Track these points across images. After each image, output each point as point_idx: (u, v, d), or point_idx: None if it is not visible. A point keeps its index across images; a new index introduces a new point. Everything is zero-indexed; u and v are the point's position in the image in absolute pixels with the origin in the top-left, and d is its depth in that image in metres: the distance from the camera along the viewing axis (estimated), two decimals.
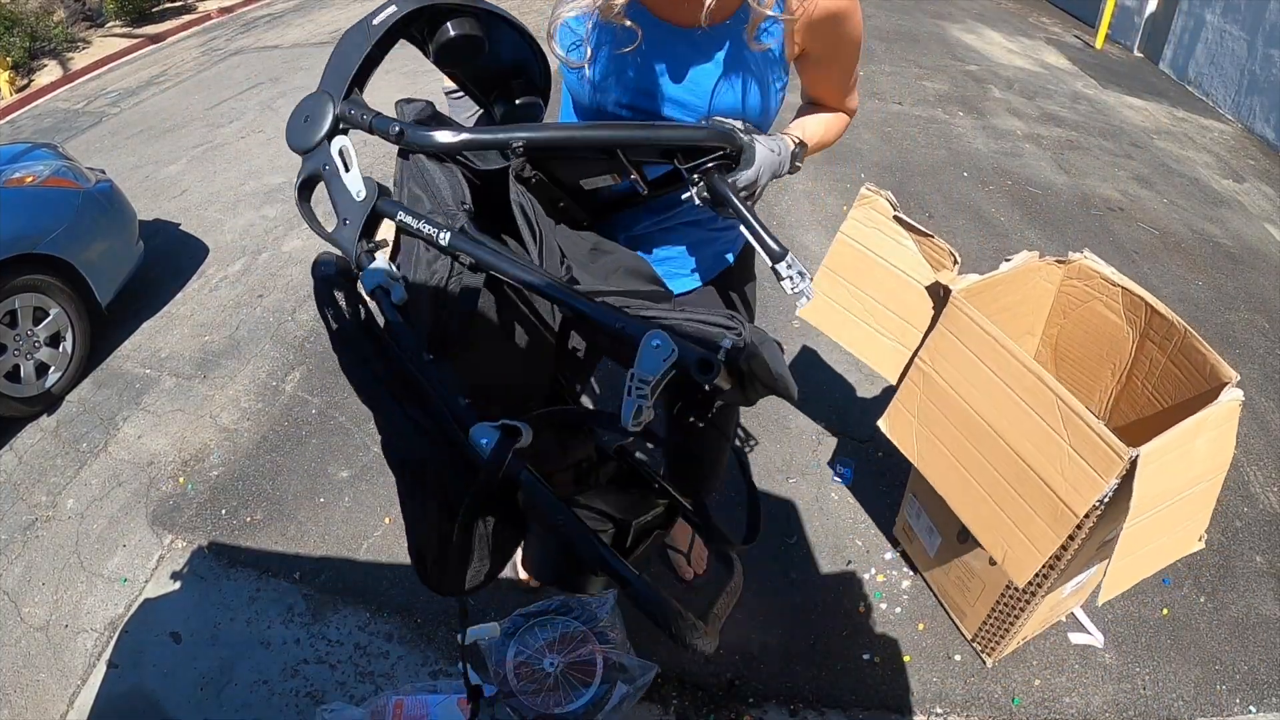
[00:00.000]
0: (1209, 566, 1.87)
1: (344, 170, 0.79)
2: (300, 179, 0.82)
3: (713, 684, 1.62)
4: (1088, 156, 4.15)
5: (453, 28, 0.89)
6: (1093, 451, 1.14)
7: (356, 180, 0.79)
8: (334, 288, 0.79)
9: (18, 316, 2.39)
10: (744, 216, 0.87)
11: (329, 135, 0.79)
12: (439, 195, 0.83)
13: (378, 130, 0.79)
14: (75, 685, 1.70)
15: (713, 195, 0.88)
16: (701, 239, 1.16)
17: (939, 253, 1.47)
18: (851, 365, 2.43)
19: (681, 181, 0.92)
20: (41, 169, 2.57)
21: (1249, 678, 1.64)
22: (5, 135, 5.20)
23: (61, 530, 2.08)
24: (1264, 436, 2.28)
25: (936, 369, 1.40)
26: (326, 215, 0.82)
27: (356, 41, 0.83)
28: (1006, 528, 1.28)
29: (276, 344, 2.71)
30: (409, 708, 1.56)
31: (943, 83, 5.09)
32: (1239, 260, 3.24)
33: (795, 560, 1.87)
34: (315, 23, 6.96)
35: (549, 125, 0.87)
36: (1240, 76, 4.85)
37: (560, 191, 0.93)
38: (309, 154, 0.80)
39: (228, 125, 4.68)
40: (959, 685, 1.61)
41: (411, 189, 0.85)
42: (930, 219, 3.40)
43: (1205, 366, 1.27)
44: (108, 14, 7.38)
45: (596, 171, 0.91)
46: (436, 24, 0.89)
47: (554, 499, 0.66)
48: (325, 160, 0.79)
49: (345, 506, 2.06)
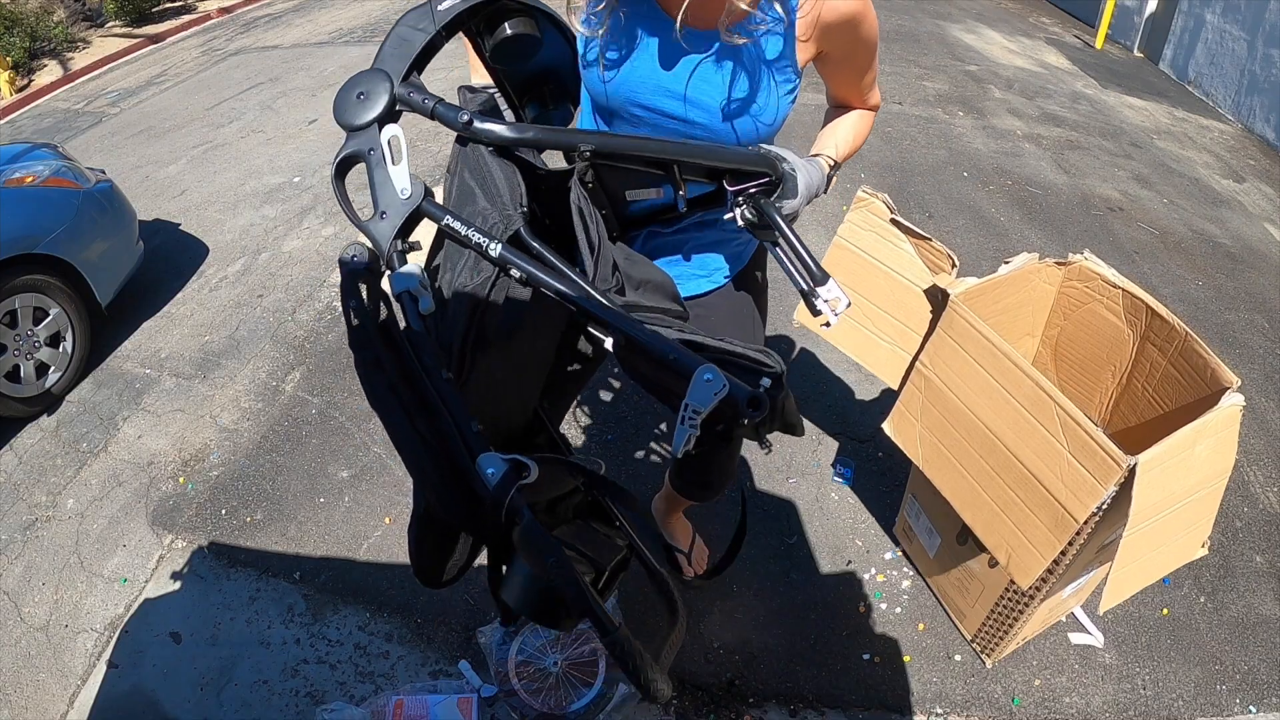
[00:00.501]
0: (1209, 566, 1.87)
1: (391, 162, 0.76)
2: (341, 156, 0.79)
3: (713, 684, 1.63)
4: (1088, 156, 4.15)
5: (511, 26, 0.90)
6: (1091, 458, 1.14)
7: (404, 176, 0.76)
8: (360, 282, 0.76)
9: (18, 316, 2.39)
10: (790, 241, 0.87)
11: (382, 118, 0.77)
12: (496, 191, 0.81)
13: (441, 117, 0.77)
14: (75, 685, 1.70)
15: (760, 218, 0.89)
16: (717, 240, 1.16)
17: (937, 255, 1.47)
18: (851, 366, 2.43)
19: (717, 203, 0.94)
20: (41, 169, 2.57)
21: (1249, 678, 1.64)
22: (5, 135, 5.20)
23: (61, 530, 2.08)
24: (1264, 436, 2.28)
25: (937, 373, 1.40)
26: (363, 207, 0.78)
27: (418, 24, 0.83)
28: (1009, 531, 1.28)
29: (276, 344, 2.71)
30: (409, 708, 1.56)
31: (943, 83, 5.09)
32: (1239, 260, 3.24)
33: (795, 560, 1.88)
34: (315, 23, 6.95)
35: (616, 134, 0.89)
36: (1240, 76, 4.85)
37: (605, 199, 0.93)
38: (356, 132, 0.78)
39: (228, 125, 4.68)
40: (959, 685, 1.61)
41: (465, 179, 0.83)
42: (930, 219, 3.40)
43: (1206, 370, 1.27)
44: (108, 14, 7.38)
45: (644, 184, 0.92)
46: (497, 20, 0.90)
47: (551, 541, 0.66)
48: (372, 144, 0.77)
49: (345, 506, 2.06)
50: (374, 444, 2.25)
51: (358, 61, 5.47)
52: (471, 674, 1.64)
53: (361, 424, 2.33)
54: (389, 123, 0.78)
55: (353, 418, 2.36)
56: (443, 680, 1.64)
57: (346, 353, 2.63)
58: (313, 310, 2.87)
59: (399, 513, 2.03)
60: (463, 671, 1.65)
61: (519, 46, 0.91)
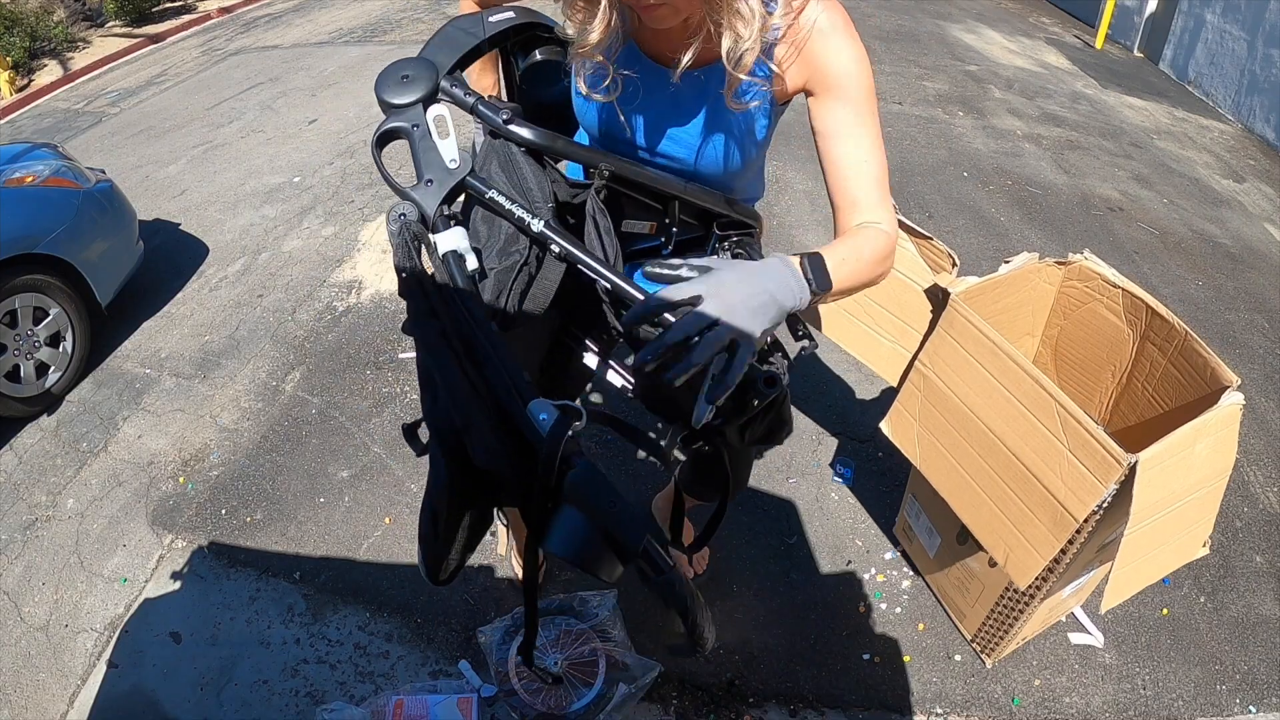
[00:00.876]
0: (1209, 566, 1.87)
1: (438, 136, 0.82)
2: (382, 129, 0.83)
3: (713, 684, 1.63)
4: (1088, 156, 4.15)
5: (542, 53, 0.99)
6: (1091, 456, 1.14)
7: (452, 148, 0.82)
8: (411, 237, 0.79)
9: (18, 316, 2.39)
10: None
11: (425, 100, 0.82)
12: (524, 185, 0.85)
13: (481, 113, 0.84)
14: (75, 685, 1.70)
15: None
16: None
17: (938, 255, 1.47)
18: (851, 365, 2.43)
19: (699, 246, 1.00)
20: (41, 169, 2.57)
21: (1249, 678, 1.64)
22: (5, 135, 5.20)
23: (61, 530, 2.08)
24: (1264, 436, 2.28)
25: (936, 372, 1.40)
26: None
27: (469, 29, 0.90)
28: (1008, 530, 1.28)
29: (276, 344, 2.71)
30: (409, 708, 1.56)
31: (943, 83, 5.09)
32: (1239, 260, 3.24)
33: (795, 560, 1.88)
34: (315, 23, 6.95)
35: (632, 162, 0.93)
36: (1240, 76, 4.85)
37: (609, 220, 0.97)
38: (397, 110, 0.82)
39: (228, 125, 4.68)
40: (959, 685, 1.61)
41: (492, 169, 0.87)
42: (930, 219, 3.40)
43: (1206, 369, 1.27)
44: (108, 14, 7.38)
45: (640, 216, 0.97)
46: (532, 45, 0.99)
47: (609, 484, 0.67)
48: (416, 121, 0.82)
49: (345, 506, 2.06)
50: (374, 444, 2.26)
51: (358, 61, 5.48)
52: (471, 674, 1.64)
53: (361, 424, 2.33)
54: (431, 104, 0.83)
55: (353, 418, 2.36)
56: (443, 680, 1.64)
57: (347, 353, 2.63)
58: (313, 310, 2.87)
59: (399, 513, 2.03)
60: (463, 671, 1.65)
61: (548, 72, 1.00)
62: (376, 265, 3.12)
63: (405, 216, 0.79)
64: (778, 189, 3.58)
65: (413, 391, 2.44)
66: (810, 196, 3.54)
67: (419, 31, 6.20)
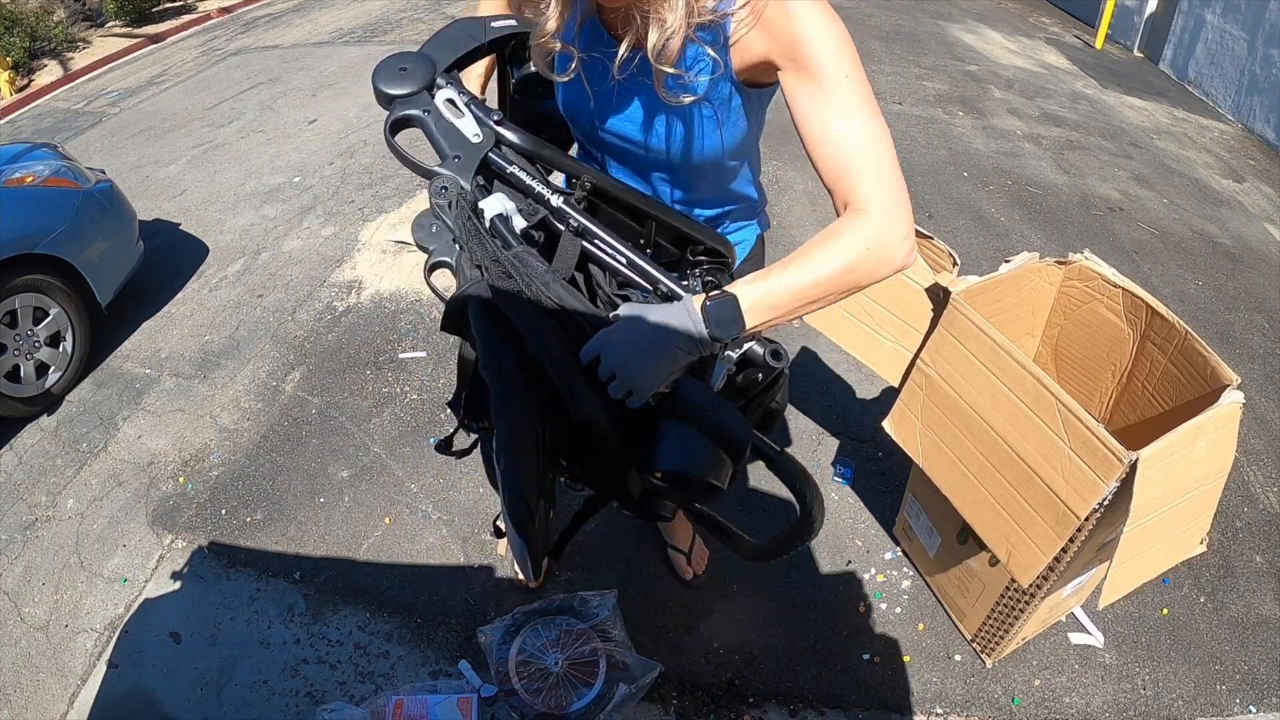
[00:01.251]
0: (1209, 566, 1.87)
1: (454, 117, 0.83)
2: (393, 118, 0.84)
3: (713, 684, 1.62)
4: (1088, 156, 4.15)
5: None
6: (1092, 454, 1.14)
7: (472, 125, 0.83)
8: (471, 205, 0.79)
9: (18, 316, 2.39)
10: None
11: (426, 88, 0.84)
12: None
13: (475, 113, 0.85)
14: (75, 685, 1.70)
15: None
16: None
17: (938, 254, 1.47)
18: (851, 365, 2.43)
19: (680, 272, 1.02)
20: (41, 169, 2.57)
21: (1249, 678, 1.64)
22: (5, 135, 5.20)
23: (61, 530, 2.08)
24: (1264, 436, 2.28)
25: (938, 371, 1.40)
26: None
27: (471, 31, 0.91)
28: (1010, 528, 1.29)
29: (276, 344, 2.71)
30: (409, 708, 1.56)
31: (943, 83, 5.10)
32: (1239, 260, 3.24)
33: (795, 560, 1.87)
34: (315, 23, 6.95)
35: (613, 179, 0.94)
36: (1240, 76, 4.85)
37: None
38: (401, 99, 0.83)
39: (228, 125, 4.68)
40: (959, 685, 1.61)
41: None
42: (930, 219, 3.40)
43: (1206, 369, 1.27)
44: (108, 14, 7.38)
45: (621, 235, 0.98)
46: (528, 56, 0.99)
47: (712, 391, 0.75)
48: (425, 106, 0.83)
49: (345, 506, 2.06)
50: (374, 444, 2.26)
51: (358, 62, 5.48)
52: (471, 674, 1.64)
53: (361, 424, 2.33)
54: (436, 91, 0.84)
55: (353, 418, 2.36)
56: (443, 680, 1.64)
57: (347, 353, 2.63)
58: (313, 310, 2.87)
59: (399, 513, 2.03)
60: (463, 671, 1.65)
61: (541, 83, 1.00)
62: (376, 265, 3.12)
63: (448, 190, 0.79)
64: (778, 189, 3.58)
65: (413, 391, 2.45)
66: (810, 196, 3.54)
67: (419, 32, 6.20)
